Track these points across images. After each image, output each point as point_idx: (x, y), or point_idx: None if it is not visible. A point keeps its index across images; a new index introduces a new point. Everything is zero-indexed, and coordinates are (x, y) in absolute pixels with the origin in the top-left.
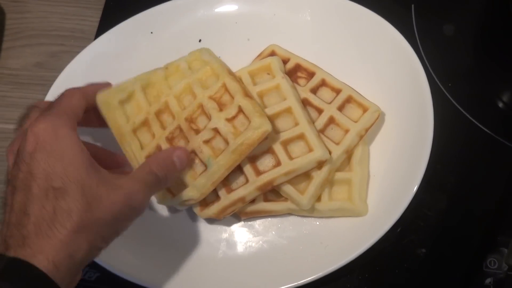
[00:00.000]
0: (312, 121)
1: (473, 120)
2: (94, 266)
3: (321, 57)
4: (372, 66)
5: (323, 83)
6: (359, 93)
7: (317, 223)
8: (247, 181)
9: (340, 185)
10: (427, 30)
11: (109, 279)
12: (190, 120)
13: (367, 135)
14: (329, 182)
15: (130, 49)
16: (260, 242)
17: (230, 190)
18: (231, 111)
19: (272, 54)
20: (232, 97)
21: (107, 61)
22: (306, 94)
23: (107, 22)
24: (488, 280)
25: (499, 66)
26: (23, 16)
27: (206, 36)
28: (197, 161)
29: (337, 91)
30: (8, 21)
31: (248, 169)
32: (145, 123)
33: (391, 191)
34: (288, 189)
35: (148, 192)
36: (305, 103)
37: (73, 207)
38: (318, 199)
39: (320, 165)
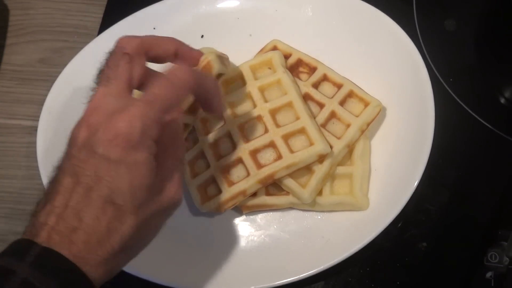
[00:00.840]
0: (313, 116)
1: (475, 115)
2: None
3: (322, 52)
4: (373, 61)
5: (324, 78)
6: (361, 88)
7: (319, 217)
8: (248, 174)
9: (341, 179)
10: (428, 25)
11: None
12: None
13: (368, 129)
14: (330, 176)
15: None
16: (262, 236)
17: (231, 183)
18: None
19: (274, 49)
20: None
21: None
22: (307, 89)
23: (110, 18)
24: (489, 274)
25: (501, 61)
26: (26, 12)
27: (209, 32)
28: None
29: (339, 86)
30: (11, 17)
31: (249, 162)
32: None
33: (392, 185)
34: (290, 183)
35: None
36: (306, 97)
37: (126, 232)
38: (320, 193)
39: (321, 159)
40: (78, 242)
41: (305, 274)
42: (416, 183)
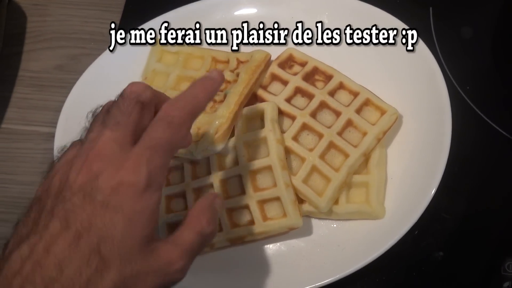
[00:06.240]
0: (291, 183)
1: (491, 123)
2: None
3: (338, 60)
4: (389, 69)
5: (340, 86)
6: (377, 96)
7: (334, 225)
8: (221, 229)
9: (357, 188)
10: (445, 33)
11: None
12: None
13: (384, 137)
14: (346, 185)
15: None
16: (278, 244)
17: None
18: (232, 66)
19: (290, 57)
20: (227, 62)
21: (127, 64)
22: (324, 97)
23: (126, 25)
24: (506, 284)
25: None
26: (43, 19)
27: None
28: (217, 105)
29: (355, 94)
30: (29, 24)
31: (224, 218)
32: None
33: (408, 194)
34: (307, 191)
35: (191, 260)
36: (322, 106)
37: None
38: (336, 201)
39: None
40: None
41: (320, 283)
42: (433, 192)
